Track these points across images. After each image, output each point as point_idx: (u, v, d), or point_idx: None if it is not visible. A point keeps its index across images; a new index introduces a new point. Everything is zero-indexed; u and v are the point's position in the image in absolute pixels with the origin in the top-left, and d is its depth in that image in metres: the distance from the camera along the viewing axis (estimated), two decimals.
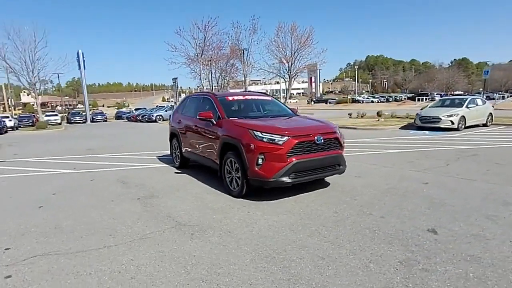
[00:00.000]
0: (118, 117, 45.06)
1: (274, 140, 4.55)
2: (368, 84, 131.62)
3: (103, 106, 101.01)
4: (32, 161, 9.49)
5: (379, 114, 20.95)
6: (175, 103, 45.78)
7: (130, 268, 2.96)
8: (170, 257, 3.14)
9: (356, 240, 3.37)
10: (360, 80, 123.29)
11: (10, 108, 52.52)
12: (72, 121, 38.83)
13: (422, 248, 3.12)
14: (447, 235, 3.38)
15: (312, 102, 71.81)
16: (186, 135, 6.82)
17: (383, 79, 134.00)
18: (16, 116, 37.23)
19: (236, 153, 4.90)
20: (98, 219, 4.28)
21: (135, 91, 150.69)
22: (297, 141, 4.60)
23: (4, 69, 29.35)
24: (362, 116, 21.67)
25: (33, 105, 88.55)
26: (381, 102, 64.99)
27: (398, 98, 68.24)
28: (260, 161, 4.54)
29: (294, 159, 4.56)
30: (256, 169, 4.57)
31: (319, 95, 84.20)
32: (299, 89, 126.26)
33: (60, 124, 35.05)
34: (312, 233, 3.58)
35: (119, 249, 3.36)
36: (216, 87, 44.13)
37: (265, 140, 4.57)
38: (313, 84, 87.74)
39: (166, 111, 31.93)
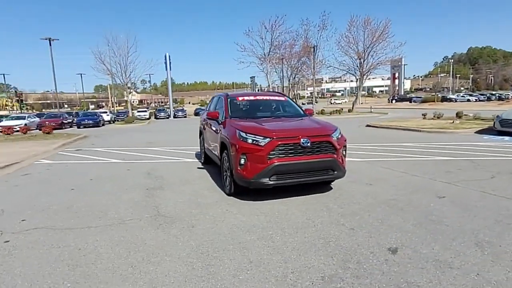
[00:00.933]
0: (196, 113, 48.94)
1: (257, 141, 4.58)
2: (469, 80, 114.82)
3: (189, 103, 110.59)
4: (99, 151, 11.21)
5: (458, 115, 18.37)
6: None
7: (89, 247, 3.44)
8: (126, 242, 3.52)
9: (301, 249, 3.23)
10: (458, 75, 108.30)
11: (114, 105, 61.59)
12: (158, 117, 43.75)
13: (362, 267, 2.84)
14: (404, 257, 2.99)
15: (394, 101, 66.06)
16: (206, 133, 7.25)
17: (488, 74, 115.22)
18: (115, 112, 43.64)
19: (227, 152, 5.07)
20: (103, 204, 4.96)
21: (218, 89, 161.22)
22: (279, 142, 4.54)
23: (104, 72, 34.65)
24: (438, 117, 19.21)
25: (133, 102, 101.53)
26: (480, 100, 56.18)
27: (503, 96, 57.93)
28: (242, 161, 4.62)
29: (275, 161, 4.51)
30: (239, 169, 4.67)
31: (402, 93, 76.86)
32: (381, 86, 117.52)
33: (148, 119, 40.00)
34: (264, 237, 3.56)
35: (95, 230, 3.89)
36: (288, 86, 44.41)
37: (248, 140, 4.63)
38: (397, 81, 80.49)
39: None
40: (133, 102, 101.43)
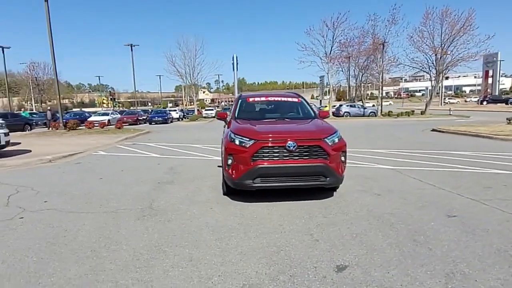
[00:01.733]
0: None
1: (243, 142, 4.57)
2: None
3: None
4: (150, 145, 12.36)
5: None
6: (321, 100, 46.68)
7: (74, 229, 3.89)
8: (104, 229, 3.88)
9: (248, 254, 3.16)
10: None
11: (187, 104, 66.63)
12: None
13: (291, 281, 2.65)
14: (346, 277, 2.69)
15: (485, 102, 57.52)
16: None
17: None
18: (185, 110, 47.20)
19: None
20: (113, 193, 5.52)
21: (287, 88, 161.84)
22: (263, 145, 4.46)
23: (174, 73, 37.53)
24: None
25: (205, 101, 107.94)
26: None
27: None
28: (229, 161, 4.67)
29: (259, 164, 4.45)
30: (227, 169, 4.73)
31: (496, 93, 66.23)
32: (473, 85, 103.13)
33: (214, 117, 42.41)
34: (223, 238, 3.56)
35: (89, 216, 4.37)
36: (354, 85, 42.19)
37: (236, 142, 4.65)
38: (490, 79, 69.66)
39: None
40: (205, 101, 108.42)
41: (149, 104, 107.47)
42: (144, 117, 31.75)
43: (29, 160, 8.85)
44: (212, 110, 46.13)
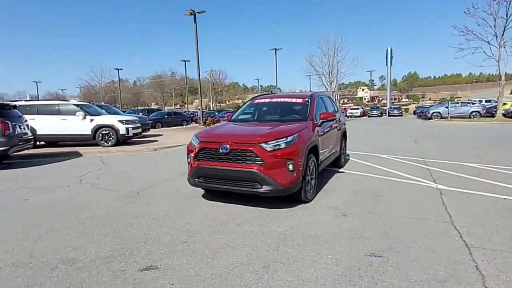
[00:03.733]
0: (416, 113, 43.35)
1: (195, 143, 4.73)
2: None
3: (429, 99, 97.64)
4: None
5: None
6: None
7: (77, 202, 5.20)
8: (91, 204, 4.97)
9: (114, 236, 3.42)
10: None
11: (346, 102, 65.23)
12: (370, 115, 42.71)
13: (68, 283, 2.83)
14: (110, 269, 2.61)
15: None
16: None
17: None
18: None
19: None
20: (144, 178, 6.65)
21: (474, 82, 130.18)
22: (203, 146, 4.49)
23: (312, 73, 37.61)
24: None
25: (363, 99, 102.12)
26: None
27: None
28: (188, 160, 4.93)
29: (199, 164, 4.52)
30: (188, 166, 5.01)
31: None
32: None
33: (360, 116, 40.35)
34: (135, 224, 3.92)
35: (103, 194, 5.62)
36: None
37: (193, 142, 4.84)
38: None
39: (446, 107, 26.88)
40: (364, 99, 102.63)
41: None
42: None
43: (141, 148, 11.69)
44: (357, 109, 43.80)
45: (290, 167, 4.17)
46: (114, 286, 2.58)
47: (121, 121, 11.85)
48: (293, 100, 5.91)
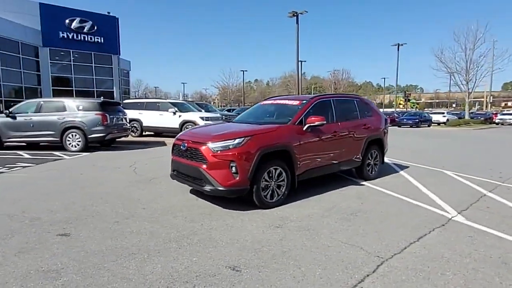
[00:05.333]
0: None
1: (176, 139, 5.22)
2: None
3: None
4: None
5: None
6: None
7: (102, 177, 6.58)
8: (109, 182, 6.27)
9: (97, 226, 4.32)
10: None
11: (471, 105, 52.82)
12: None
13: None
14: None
15: None
16: None
17: None
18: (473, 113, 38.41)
19: None
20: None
21: None
22: (174, 142, 4.93)
23: (442, 70, 31.05)
24: None
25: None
26: None
27: None
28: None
29: (172, 158, 5.01)
30: None
31: None
32: None
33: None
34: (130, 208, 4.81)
35: (118, 177, 6.92)
36: None
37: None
38: None
39: None
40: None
41: (454, 105, 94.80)
42: (399, 119, 30.15)
43: None
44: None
45: (233, 169, 4.14)
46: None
47: (202, 118, 13.46)
48: (290, 102, 5.61)
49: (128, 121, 11.72)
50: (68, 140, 10.06)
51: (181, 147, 4.67)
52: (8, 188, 5.65)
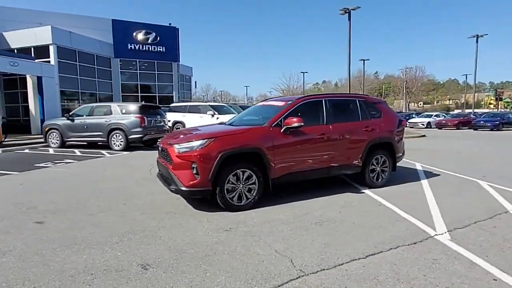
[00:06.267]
0: None
1: None
2: None
3: None
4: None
5: None
6: None
7: (118, 174, 7.22)
8: (119, 180, 6.85)
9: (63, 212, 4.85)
10: None
11: None
12: None
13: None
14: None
15: None
16: None
17: None
18: None
19: None
20: None
21: None
22: (159, 143, 5.19)
23: None
24: None
25: None
26: None
27: None
28: None
29: (157, 158, 5.28)
30: None
31: None
32: None
33: None
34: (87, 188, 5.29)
35: (131, 174, 7.46)
36: None
37: None
38: None
39: None
40: None
41: None
42: (472, 121, 26.42)
43: None
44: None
45: (194, 170, 4.18)
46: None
47: None
48: (276, 103, 5.40)
49: (171, 123, 12.64)
50: (113, 140, 11.27)
51: (159, 148, 4.91)
52: (40, 181, 6.60)
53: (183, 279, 2.63)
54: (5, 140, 12.93)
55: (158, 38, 26.02)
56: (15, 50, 19.70)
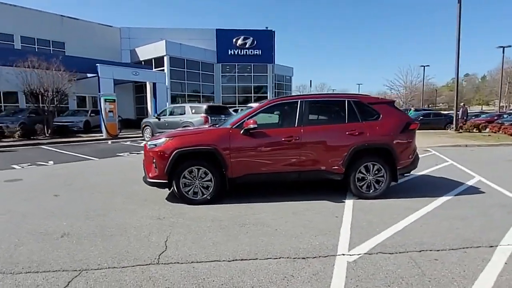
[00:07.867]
0: None
1: None
2: None
3: None
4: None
5: None
6: None
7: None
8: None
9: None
10: None
11: None
12: None
13: None
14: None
15: None
16: None
17: None
18: None
19: None
20: None
21: None
22: None
23: None
24: None
25: None
26: None
27: None
28: None
29: None
30: None
31: None
32: None
33: None
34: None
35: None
36: None
37: None
38: None
39: None
40: None
41: None
42: None
43: None
44: None
45: (154, 164, 4.82)
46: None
47: None
48: (253, 105, 5.46)
49: None
50: None
51: None
52: (98, 166, 8.53)
53: (75, 247, 3.31)
54: (120, 134, 16.64)
55: (255, 42, 27.84)
56: (143, 62, 24.78)
